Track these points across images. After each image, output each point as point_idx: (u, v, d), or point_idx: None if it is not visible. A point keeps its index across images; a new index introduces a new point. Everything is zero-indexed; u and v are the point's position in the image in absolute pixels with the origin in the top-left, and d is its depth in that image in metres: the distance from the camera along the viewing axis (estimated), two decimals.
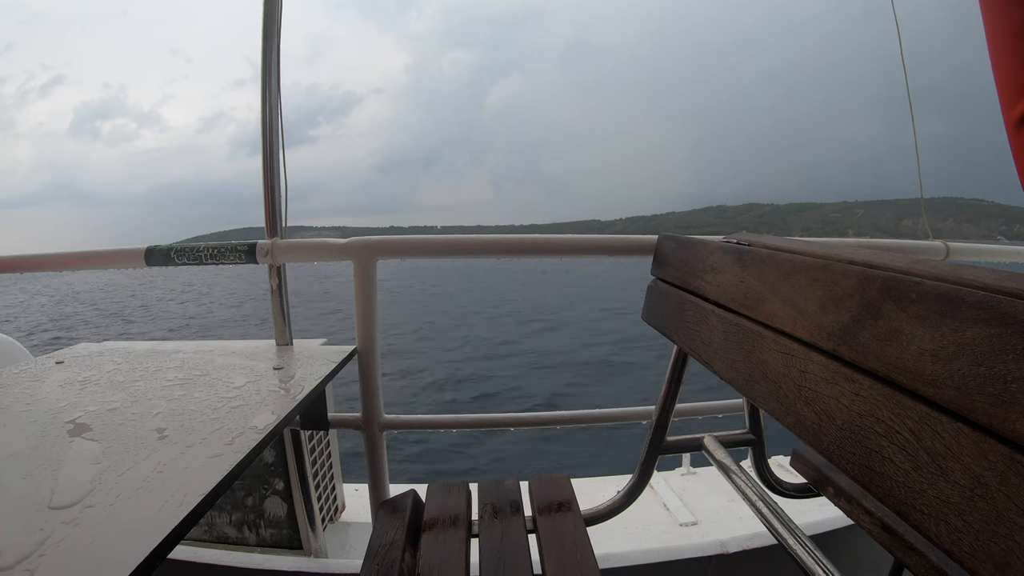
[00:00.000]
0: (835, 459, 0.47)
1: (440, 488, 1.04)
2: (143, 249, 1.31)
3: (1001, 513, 0.31)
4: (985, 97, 0.48)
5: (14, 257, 1.41)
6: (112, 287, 35.90)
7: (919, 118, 1.62)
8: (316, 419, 1.28)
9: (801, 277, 0.55)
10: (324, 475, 1.55)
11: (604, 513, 1.05)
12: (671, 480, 1.80)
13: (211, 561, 1.26)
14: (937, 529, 0.36)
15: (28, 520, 0.52)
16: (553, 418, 1.32)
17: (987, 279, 0.35)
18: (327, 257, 1.26)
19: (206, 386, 0.95)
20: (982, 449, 0.33)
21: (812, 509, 1.28)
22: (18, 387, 0.96)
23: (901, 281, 0.41)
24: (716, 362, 0.74)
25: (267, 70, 1.22)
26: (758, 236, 0.76)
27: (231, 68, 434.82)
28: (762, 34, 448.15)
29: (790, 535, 0.80)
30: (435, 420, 1.32)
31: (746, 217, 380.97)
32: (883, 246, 1.41)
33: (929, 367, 0.37)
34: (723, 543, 1.27)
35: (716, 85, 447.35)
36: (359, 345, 1.24)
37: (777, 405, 0.57)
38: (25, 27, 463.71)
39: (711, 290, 0.77)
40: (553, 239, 1.26)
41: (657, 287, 1.01)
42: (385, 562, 0.82)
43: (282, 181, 1.29)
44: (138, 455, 0.66)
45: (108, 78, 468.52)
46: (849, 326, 0.46)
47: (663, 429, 1.04)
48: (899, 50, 1.44)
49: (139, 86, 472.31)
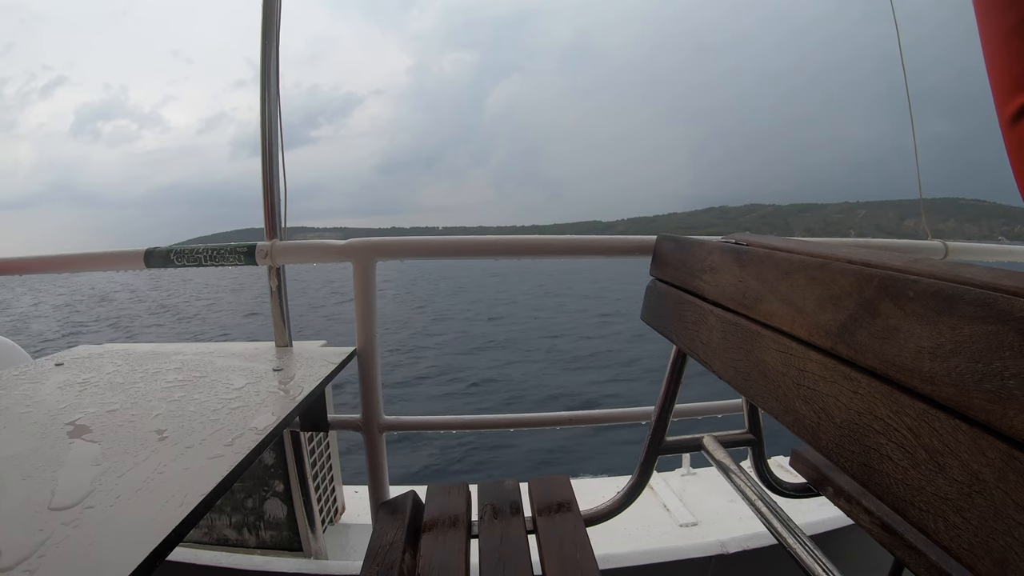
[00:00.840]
0: (834, 457, 0.47)
1: (440, 489, 1.04)
2: (142, 251, 1.31)
3: (999, 509, 0.32)
4: (988, 97, 0.49)
5: (14, 259, 1.41)
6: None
7: (922, 118, 1.63)
8: (316, 420, 1.28)
9: (799, 276, 0.55)
10: (324, 476, 1.55)
11: (604, 513, 1.05)
12: (671, 480, 1.80)
13: (211, 563, 1.25)
14: (935, 526, 0.36)
15: (28, 521, 0.52)
16: (553, 419, 1.32)
17: (984, 277, 0.36)
18: (326, 258, 1.26)
19: (206, 387, 0.95)
20: (980, 446, 0.33)
21: (812, 509, 1.28)
22: (18, 389, 0.95)
23: (899, 279, 0.41)
24: (715, 362, 0.74)
25: (266, 72, 1.23)
26: (756, 236, 0.77)
27: (232, 69, 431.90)
28: (763, 36, 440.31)
29: (790, 535, 0.80)
30: (435, 421, 1.32)
31: (748, 218, 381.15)
32: (881, 245, 1.42)
33: (927, 364, 0.37)
34: (723, 543, 1.27)
35: (716, 87, 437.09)
36: (359, 346, 1.24)
37: (776, 404, 0.57)
38: (26, 27, 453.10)
39: (710, 290, 0.77)
40: (552, 240, 1.26)
41: (656, 287, 1.01)
42: (385, 563, 0.82)
43: (281, 183, 1.29)
44: (138, 456, 0.66)
45: (109, 79, 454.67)
46: (847, 325, 0.46)
47: (662, 429, 1.04)
48: (896, 50, 1.45)
49: (140, 87, 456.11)
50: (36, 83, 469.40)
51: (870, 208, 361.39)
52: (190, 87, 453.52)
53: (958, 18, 18.54)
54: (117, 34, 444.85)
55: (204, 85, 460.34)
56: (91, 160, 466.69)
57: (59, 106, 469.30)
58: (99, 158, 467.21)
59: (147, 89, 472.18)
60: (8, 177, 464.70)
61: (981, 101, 2.96)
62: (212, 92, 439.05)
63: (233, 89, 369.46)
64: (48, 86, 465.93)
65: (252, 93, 1.26)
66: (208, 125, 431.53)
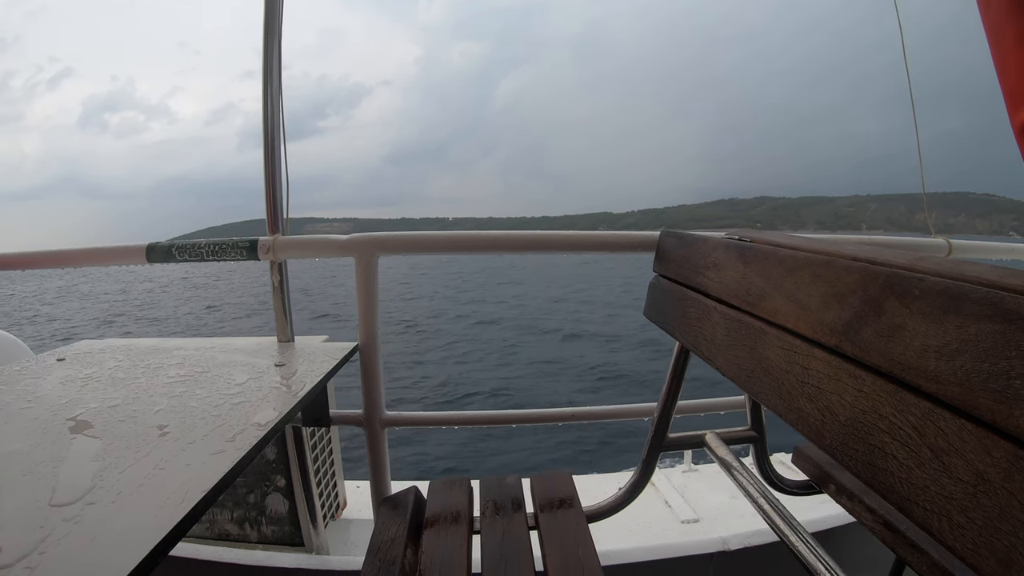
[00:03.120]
0: (838, 455, 0.47)
1: (441, 485, 1.04)
2: (144, 246, 1.31)
3: (1004, 509, 0.31)
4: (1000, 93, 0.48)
5: (15, 254, 1.41)
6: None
7: (937, 113, 1.62)
8: (318, 416, 1.28)
9: (804, 273, 0.55)
10: (326, 472, 1.55)
11: (606, 510, 1.05)
12: (673, 477, 1.79)
13: (213, 558, 1.26)
14: (940, 525, 0.36)
15: (29, 517, 0.52)
16: (555, 415, 1.32)
17: (991, 276, 0.35)
18: (329, 253, 1.26)
19: (207, 383, 0.95)
20: (985, 445, 0.33)
21: (814, 506, 1.28)
22: (19, 384, 0.96)
23: (904, 277, 0.41)
24: (718, 358, 0.74)
25: (268, 66, 1.22)
26: (760, 232, 0.76)
27: (240, 59, 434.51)
28: (774, 30, 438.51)
29: (792, 532, 0.80)
30: (436, 417, 1.32)
31: (759, 210, 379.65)
32: (885, 243, 1.41)
33: (932, 363, 0.37)
34: (725, 540, 1.27)
35: (727, 80, 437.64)
36: (361, 341, 1.24)
37: (779, 402, 0.57)
38: (33, 19, 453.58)
39: (713, 286, 0.77)
40: (555, 235, 1.26)
41: (659, 283, 1.01)
42: (387, 559, 0.82)
43: (283, 177, 1.29)
44: (139, 452, 0.66)
45: (116, 70, 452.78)
46: (852, 322, 0.46)
47: (665, 426, 1.04)
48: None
49: (148, 78, 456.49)
50: (43, 75, 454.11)
51: (880, 202, 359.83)
52: (198, 78, 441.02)
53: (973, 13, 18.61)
54: (124, 25, 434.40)
55: (212, 76, 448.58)
56: (98, 152, 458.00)
57: (66, 98, 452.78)
58: (106, 150, 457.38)
59: (155, 80, 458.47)
60: (15, 169, 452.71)
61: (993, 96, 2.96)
62: (220, 83, 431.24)
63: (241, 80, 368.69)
64: (55, 78, 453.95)
65: (259, 84, 1.25)
66: (216, 116, 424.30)
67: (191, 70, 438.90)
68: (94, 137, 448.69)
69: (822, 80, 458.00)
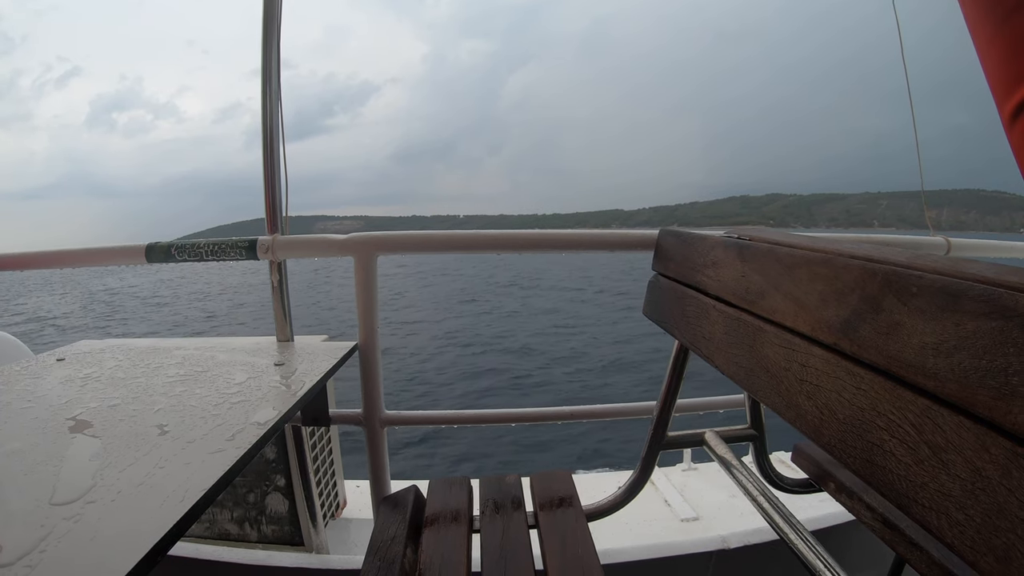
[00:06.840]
0: (836, 453, 0.47)
1: (441, 484, 1.04)
2: (143, 246, 1.31)
3: (1002, 506, 0.31)
4: None
5: (16, 254, 1.41)
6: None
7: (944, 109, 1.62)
8: (317, 415, 1.28)
9: (802, 271, 0.55)
10: (325, 471, 1.55)
11: (605, 508, 1.05)
12: (672, 476, 1.80)
13: (212, 558, 1.26)
14: (938, 523, 0.36)
15: (29, 516, 0.52)
16: (554, 413, 1.32)
17: (988, 273, 0.35)
18: (328, 253, 1.26)
19: (207, 382, 0.95)
20: (983, 442, 0.33)
21: (813, 505, 1.28)
22: (19, 384, 0.96)
23: (902, 275, 0.41)
24: (717, 357, 0.74)
25: (267, 66, 1.22)
26: (758, 230, 0.76)
27: (247, 58, 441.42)
28: (782, 25, 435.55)
29: (791, 530, 0.80)
30: (436, 416, 1.32)
31: (771, 207, 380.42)
32: (884, 241, 1.41)
33: (930, 360, 0.37)
34: (724, 538, 1.27)
35: (736, 76, 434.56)
36: (360, 341, 1.24)
37: (778, 399, 0.57)
38: (41, 18, 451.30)
39: (712, 285, 0.77)
40: (554, 234, 1.26)
41: (658, 282, 1.01)
42: (387, 558, 0.82)
43: (282, 176, 1.29)
44: (139, 451, 0.66)
45: (125, 69, 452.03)
46: (850, 320, 0.46)
47: (664, 424, 1.04)
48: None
49: (156, 77, 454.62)
50: (52, 74, 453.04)
51: (892, 199, 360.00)
52: (205, 77, 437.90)
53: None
54: (133, 25, 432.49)
55: (219, 74, 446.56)
56: (106, 151, 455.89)
57: (74, 97, 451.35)
58: (114, 148, 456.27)
59: (163, 79, 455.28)
60: (24, 168, 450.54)
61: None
62: (228, 81, 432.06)
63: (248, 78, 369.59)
64: (63, 77, 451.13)
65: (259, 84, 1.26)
66: (223, 115, 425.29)
67: (199, 69, 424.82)
68: (102, 136, 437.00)
69: (830, 75, 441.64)
